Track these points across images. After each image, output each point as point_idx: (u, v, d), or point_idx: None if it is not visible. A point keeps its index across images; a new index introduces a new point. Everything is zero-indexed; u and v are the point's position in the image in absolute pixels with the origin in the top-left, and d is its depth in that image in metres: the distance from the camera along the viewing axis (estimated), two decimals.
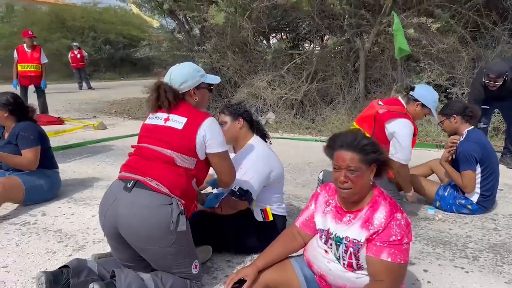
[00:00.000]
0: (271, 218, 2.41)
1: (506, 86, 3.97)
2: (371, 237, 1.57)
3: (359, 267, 1.62)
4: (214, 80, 2.13)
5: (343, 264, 1.65)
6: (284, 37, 9.12)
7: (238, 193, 2.23)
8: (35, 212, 3.12)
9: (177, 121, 1.93)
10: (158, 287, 1.81)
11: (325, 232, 1.73)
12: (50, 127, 6.78)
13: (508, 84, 3.96)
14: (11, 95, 3.25)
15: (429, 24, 5.85)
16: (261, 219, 2.40)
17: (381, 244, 1.55)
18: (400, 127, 2.81)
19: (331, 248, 1.69)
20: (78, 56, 14.71)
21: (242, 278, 1.73)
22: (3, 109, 3.18)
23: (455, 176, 3.05)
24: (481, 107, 3.97)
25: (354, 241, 1.60)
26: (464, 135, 3.07)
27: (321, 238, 1.74)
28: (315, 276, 1.78)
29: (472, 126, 3.13)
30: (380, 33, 6.72)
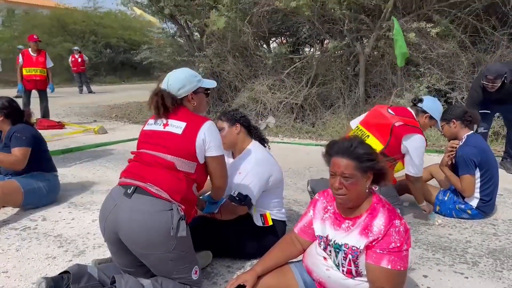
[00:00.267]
0: (271, 223, 2.41)
1: (506, 89, 3.94)
2: (371, 244, 1.57)
3: (358, 274, 1.63)
4: (211, 85, 2.16)
5: (343, 271, 1.65)
6: (284, 42, 9.17)
7: (237, 198, 2.23)
8: (36, 217, 3.13)
9: (176, 126, 1.94)
10: None
11: (324, 239, 1.73)
12: (51, 131, 6.80)
13: (508, 87, 3.93)
14: (6, 99, 3.24)
15: (429, 29, 5.87)
16: (261, 224, 2.40)
17: (381, 252, 1.55)
18: (417, 144, 2.82)
19: (330, 255, 1.70)
20: (79, 60, 14.78)
21: (242, 284, 1.73)
22: None
23: (455, 180, 3.06)
24: (481, 112, 3.94)
25: (353, 248, 1.61)
26: (464, 140, 3.08)
27: (320, 245, 1.74)
28: (315, 283, 1.78)
29: (472, 131, 3.14)
30: (380, 38, 6.75)
